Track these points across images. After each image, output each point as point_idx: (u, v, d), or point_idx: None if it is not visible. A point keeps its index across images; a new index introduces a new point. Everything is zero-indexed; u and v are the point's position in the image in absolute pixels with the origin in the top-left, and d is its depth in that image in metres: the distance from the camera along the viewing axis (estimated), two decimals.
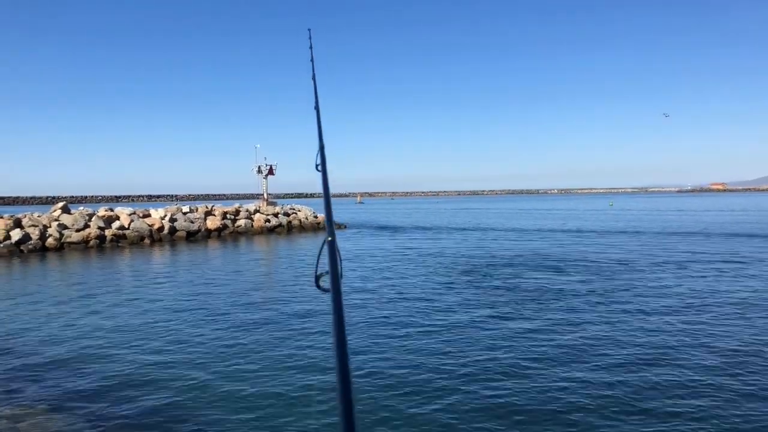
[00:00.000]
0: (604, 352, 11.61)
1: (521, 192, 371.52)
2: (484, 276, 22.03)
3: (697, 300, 16.55)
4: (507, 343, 12.35)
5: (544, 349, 11.89)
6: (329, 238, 2.18)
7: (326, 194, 2.62)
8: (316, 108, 3.78)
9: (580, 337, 12.69)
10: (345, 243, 38.16)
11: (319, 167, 2.90)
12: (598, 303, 16.40)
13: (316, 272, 2.17)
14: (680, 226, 48.35)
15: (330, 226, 2.29)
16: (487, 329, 13.61)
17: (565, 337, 12.74)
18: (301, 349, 12.15)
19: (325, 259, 2.11)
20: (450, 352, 11.84)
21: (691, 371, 10.33)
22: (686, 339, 12.43)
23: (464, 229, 50.65)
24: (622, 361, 11.00)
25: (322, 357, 11.42)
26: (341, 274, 2.03)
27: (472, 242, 37.10)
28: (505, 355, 11.53)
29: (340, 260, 2.09)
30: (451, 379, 10.16)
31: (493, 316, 14.96)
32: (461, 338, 12.89)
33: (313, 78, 4.19)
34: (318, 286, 2.14)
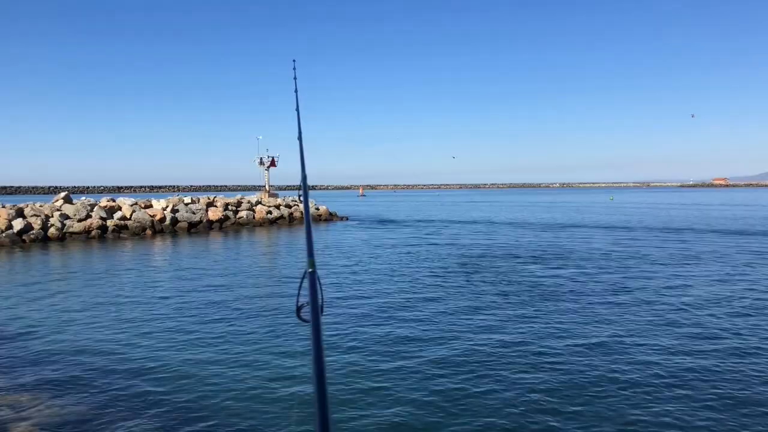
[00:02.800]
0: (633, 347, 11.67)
1: (523, 185, 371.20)
2: (488, 271, 22.06)
3: (695, 291, 16.61)
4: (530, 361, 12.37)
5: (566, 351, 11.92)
6: (310, 270, 2.11)
7: (307, 223, 2.52)
8: (300, 139, 3.67)
9: (608, 335, 12.74)
10: (344, 235, 38.25)
11: (302, 197, 2.89)
12: (611, 299, 16.46)
13: (297, 303, 2.13)
14: (680, 220, 48.36)
15: (310, 256, 2.21)
16: (492, 333, 13.65)
17: (591, 337, 12.78)
18: (296, 340, 12.22)
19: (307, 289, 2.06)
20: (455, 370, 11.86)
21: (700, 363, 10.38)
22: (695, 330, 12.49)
23: (466, 222, 50.65)
24: (644, 355, 11.07)
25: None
26: (323, 306, 2.00)
27: (475, 236, 37.12)
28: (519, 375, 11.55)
29: (322, 291, 2.05)
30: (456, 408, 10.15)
31: (502, 320, 14.99)
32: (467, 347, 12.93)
33: (297, 109, 4.07)
34: (299, 317, 2.10)
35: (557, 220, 51.03)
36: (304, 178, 3.06)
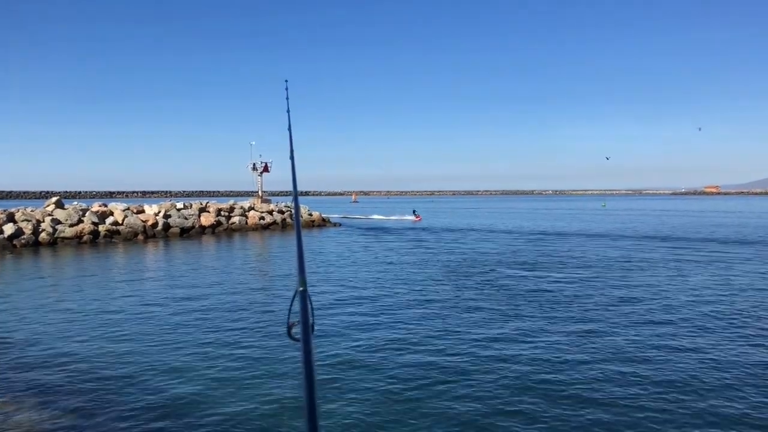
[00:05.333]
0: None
1: (516, 192, 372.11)
2: (483, 280, 22.08)
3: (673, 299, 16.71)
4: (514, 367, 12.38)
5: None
6: (300, 288, 2.09)
7: (299, 243, 2.48)
8: (291, 158, 3.65)
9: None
10: (337, 243, 38.23)
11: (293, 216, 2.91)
12: (614, 306, 16.53)
13: (288, 321, 2.12)
14: (664, 228, 48.62)
15: (301, 274, 2.18)
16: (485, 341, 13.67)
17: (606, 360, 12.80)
18: (283, 350, 12.20)
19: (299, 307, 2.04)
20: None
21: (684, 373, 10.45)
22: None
23: (463, 230, 50.68)
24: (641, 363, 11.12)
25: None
26: (313, 326, 1.99)
27: (472, 244, 37.18)
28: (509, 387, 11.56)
29: (312, 310, 2.03)
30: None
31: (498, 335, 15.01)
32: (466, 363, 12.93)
33: (289, 129, 4.08)
34: (290, 336, 2.09)
35: (555, 228, 51.14)
36: (296, 197, 3.06)
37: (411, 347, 12.23)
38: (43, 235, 35.75)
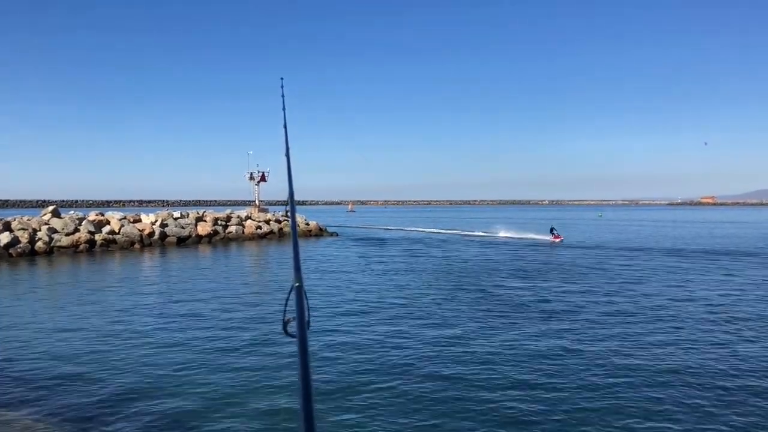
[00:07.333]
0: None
1: (513, 202, 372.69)
2: (474, 290, 22.10)
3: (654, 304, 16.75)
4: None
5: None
6: (296, 284, 2.10)
7: (294, 238, 2.51)
8: (287, 155, 3.70)
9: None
10: (334, 252, 38.21)
11: (289, 214, 2.91)
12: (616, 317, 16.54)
13: (284, 317, 2.12)
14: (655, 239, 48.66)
15: (297, 271, 2.20)
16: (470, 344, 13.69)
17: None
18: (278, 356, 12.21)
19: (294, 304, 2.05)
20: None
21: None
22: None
23: (460, 242, 50.58)
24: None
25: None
26: (309, 322, 1.99)
27: (466, 255, 37.19)
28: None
29: (308, 306, 2.04)
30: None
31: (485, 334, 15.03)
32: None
33: (285, 126, 4.14)
34: (285, 332, 2.09)
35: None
36: (291, 194, 3.11)
37: (409, 346, 12.22)
38: (39, 244, 35.65)
